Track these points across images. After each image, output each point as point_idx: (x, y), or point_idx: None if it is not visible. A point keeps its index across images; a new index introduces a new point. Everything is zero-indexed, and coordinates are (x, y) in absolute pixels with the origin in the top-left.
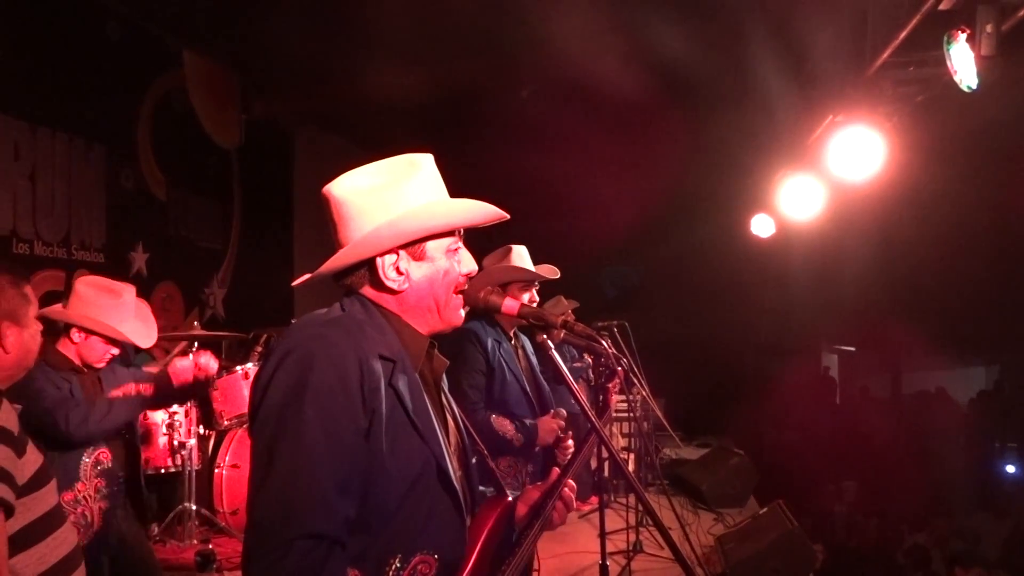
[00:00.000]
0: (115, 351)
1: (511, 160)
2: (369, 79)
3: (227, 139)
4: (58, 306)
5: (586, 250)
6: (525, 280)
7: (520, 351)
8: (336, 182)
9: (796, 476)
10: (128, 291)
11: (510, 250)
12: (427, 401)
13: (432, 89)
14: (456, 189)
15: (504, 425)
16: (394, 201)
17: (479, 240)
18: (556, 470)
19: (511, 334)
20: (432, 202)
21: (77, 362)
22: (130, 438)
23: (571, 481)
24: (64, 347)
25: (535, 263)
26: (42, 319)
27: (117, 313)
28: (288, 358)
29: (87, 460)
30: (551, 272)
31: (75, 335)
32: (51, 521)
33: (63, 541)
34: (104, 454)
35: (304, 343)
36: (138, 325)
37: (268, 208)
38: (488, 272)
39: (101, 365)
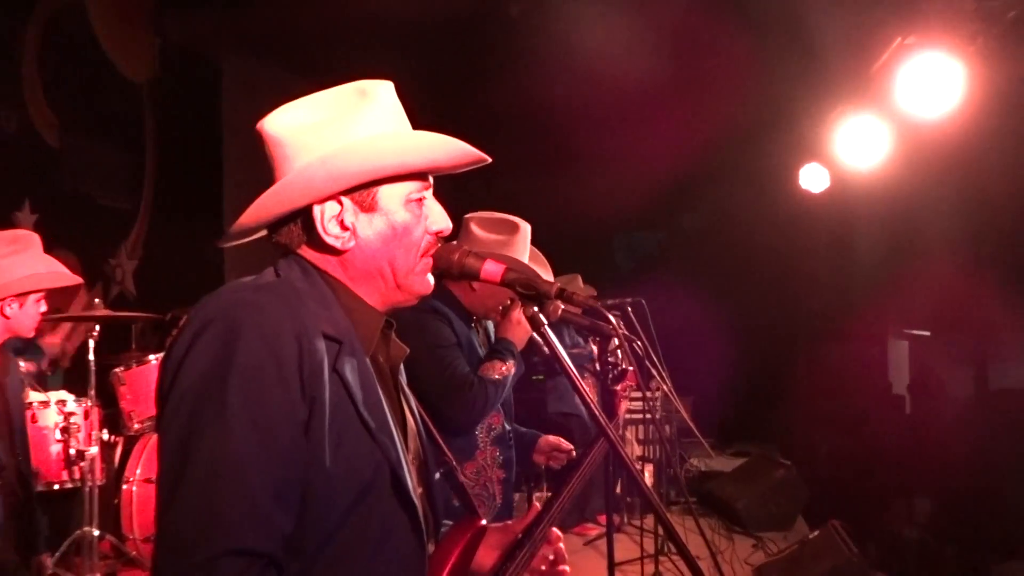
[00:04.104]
0: (44, 309)
1: (500, 99)
2: None
3: (137, 70)
4: None
5: (596, 211)
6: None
7: (485, 338)
8: (270, 117)
9: (855, 492)
10: (31, 236)
11: (516, 229)
12: (381, 394)
13: (397, 4)
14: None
15: (495, 368)
16: (337, 137)
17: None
18: (536, 505)
19: (473, 320)
20: (379, 135)
21: None
22: (20, 449)
23: (556, 531)
24: None
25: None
26: None
27: (40, 262)
28: (207, 331)
29: None
30: (545, 266)
31: (8, 307)
32: None
33: None
34: None
35: (228, 312)
36: (58, 266)
37: (190, 157)
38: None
39: (32, 334)
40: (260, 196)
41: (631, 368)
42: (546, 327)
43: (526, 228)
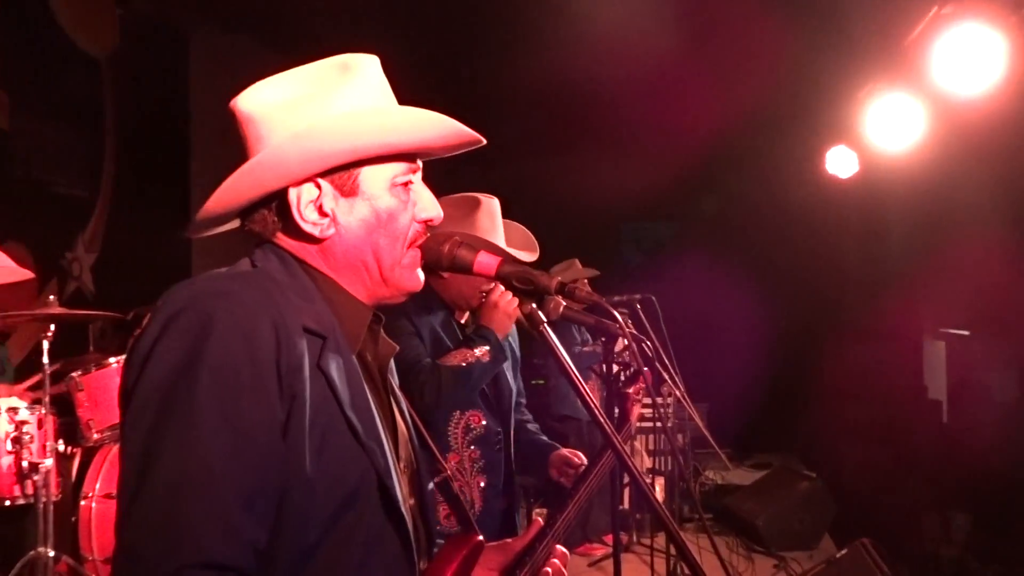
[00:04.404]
0: None
1: (499, 75)
2: None
3: (96, 43)
4: None
5: (603, 199)
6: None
7: None
8: (244, 94)
9: (887, 507)
10: None
11: (477, 205)
12: (369, 395)
13: None
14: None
15: (459, 354)
16: (315, 114)
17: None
18: (538, 520)
19: (452, 310)
20: (360, 110)
21: None
22: None
23: (560, 548)
24: None
25: (508, 217)
26: None
27: None
28: (177, 321)
29: None
30: (528, 245)
31: None
32: None
33: None
34: None
35: (200, 301)
36: (7, 261)
37: (155, 139)
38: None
39: None
40: (228, 177)
41: (645, 368)
42: (545, 325)
43: (490, 203)
